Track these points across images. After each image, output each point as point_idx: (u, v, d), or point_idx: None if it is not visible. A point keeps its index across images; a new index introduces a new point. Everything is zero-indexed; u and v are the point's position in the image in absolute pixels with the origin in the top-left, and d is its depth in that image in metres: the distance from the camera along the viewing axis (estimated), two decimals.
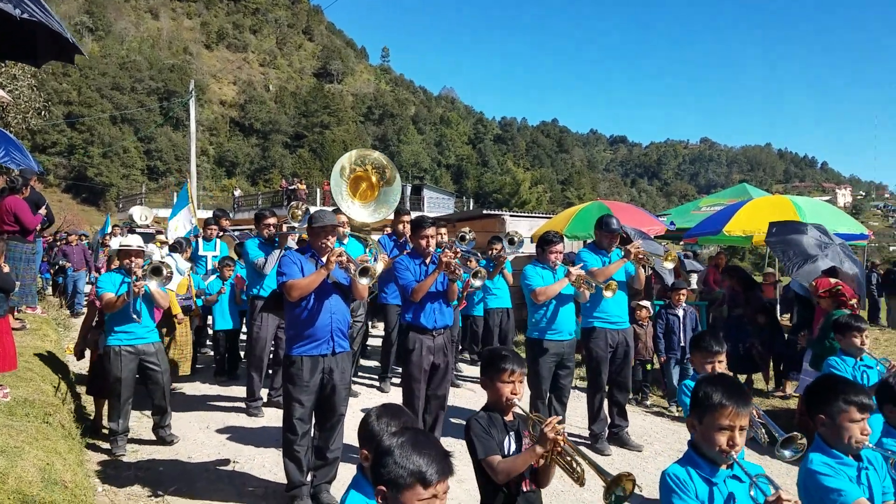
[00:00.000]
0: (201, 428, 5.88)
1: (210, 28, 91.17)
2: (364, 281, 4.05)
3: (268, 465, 4.97)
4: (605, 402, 5.74)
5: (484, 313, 8.31)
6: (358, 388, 7.16)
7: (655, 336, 7.14)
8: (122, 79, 68.80)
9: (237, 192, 46.78)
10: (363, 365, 8.28)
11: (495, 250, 7.42)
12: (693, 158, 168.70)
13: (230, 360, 7.81)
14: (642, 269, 5.67)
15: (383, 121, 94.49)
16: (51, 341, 6.86)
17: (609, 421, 5.77)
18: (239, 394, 6.83)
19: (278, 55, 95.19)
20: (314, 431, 4.32)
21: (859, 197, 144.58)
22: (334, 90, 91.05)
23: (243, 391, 6.59)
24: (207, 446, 5.40)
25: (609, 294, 5.27)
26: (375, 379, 7.66)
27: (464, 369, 8.41)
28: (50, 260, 14.45)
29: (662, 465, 2.37)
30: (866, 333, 4.51)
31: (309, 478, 4.26)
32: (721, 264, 10.41)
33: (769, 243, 7.45)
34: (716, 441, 2.23)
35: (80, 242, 14.52)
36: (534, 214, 13.89)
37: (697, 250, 13.98)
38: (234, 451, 5.29)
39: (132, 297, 4.98)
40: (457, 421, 5.99)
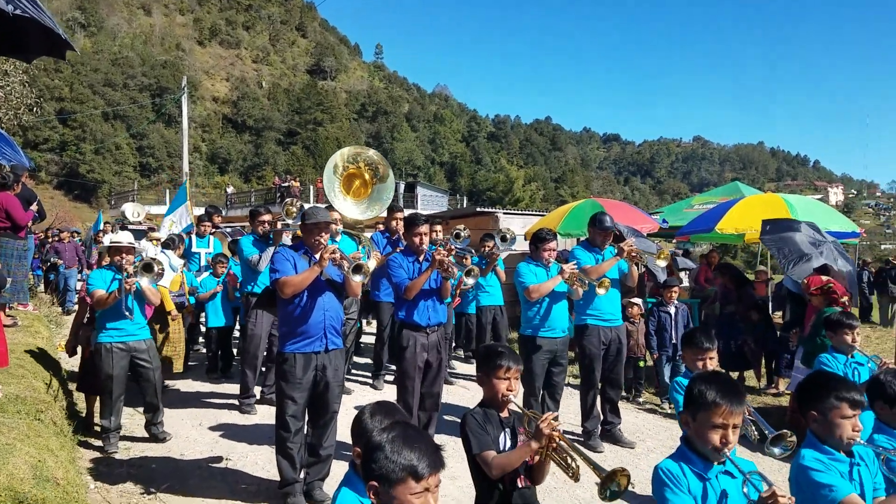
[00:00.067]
0: (194, 425, 5.87)
1: (203, 24, 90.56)
2: (357, 278, 4.04)
3: (261, 462, 4.96)
4: (598, 399, 5.76)
5: (476, 311, 8.31)
6: (351, 386, 7.15)
7: (647, 333, 7.17)
8: (115, 75, 68.17)
9: (230, 189, 46.45)
10: (357, 362, 8.28)
11: (487, 247, 7.43)
12: (686, 157, 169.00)
13: (223, 357, 7.80)
14: (635, 266, 5.70)
15: (377, 118, 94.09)
16: (42, 338, 6.83)
17: (602, 418, 5.79)
18: (231, 391, 6.81)
19: (271, 52, 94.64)
20: (307, 428, 4.31)
21: (851, 195, 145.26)
22: (328, 87, 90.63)
23: (236, 388, 6.57)
24: (200, 443, 5.39)
25: (602, 291, 5.27)
26: (369, 376, 7.66)
27: (457, 367, 8.42)
28: (42, 257, 14.38)
29: (655, 461, 2.38)
30: (857, 331, 4.53)
31: (302, 475, 4.25)
32: (713, 262, 10.46)
33: (764, 241, 7.49)
34: (709, 439, 2.25)
35: (73, 239, 14.45)
36: (527, 212, 13.93)
37: (690, 248, 14.01)
38: (227, 448, 5.28)
39: (123, 294, 4.96)
40: (450, 418, 6.00)
